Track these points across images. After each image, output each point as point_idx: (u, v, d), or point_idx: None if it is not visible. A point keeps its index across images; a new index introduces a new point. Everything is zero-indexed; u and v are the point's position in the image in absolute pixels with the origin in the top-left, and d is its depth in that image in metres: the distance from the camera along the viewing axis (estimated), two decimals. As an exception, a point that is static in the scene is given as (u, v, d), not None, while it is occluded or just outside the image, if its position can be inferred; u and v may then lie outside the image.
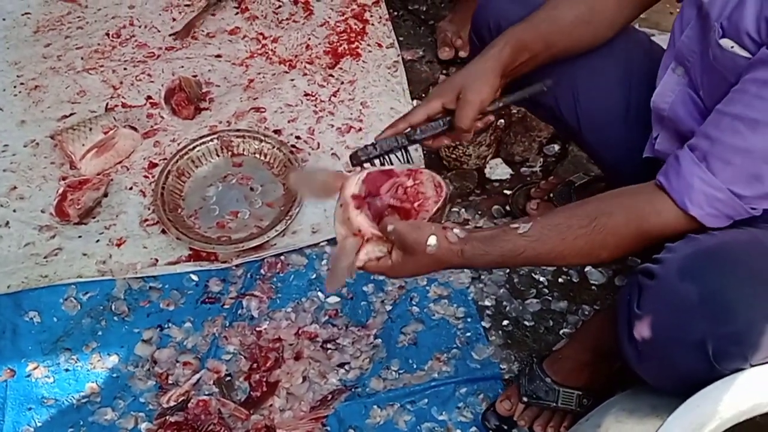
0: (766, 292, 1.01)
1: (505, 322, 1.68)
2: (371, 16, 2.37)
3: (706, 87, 1.16)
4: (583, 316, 1.68)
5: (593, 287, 1.74)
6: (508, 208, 1.90)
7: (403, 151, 1.32)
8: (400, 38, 2.32)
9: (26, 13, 2.36)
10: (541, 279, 1.75)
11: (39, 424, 1.53)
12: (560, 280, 1.75)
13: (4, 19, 2.34)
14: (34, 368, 1.61)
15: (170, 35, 2.29)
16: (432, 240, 1.07)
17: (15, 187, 1.91)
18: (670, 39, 1.25)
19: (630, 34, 1.44)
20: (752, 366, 1.00)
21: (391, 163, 1.30)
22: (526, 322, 1.68)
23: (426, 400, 1.56)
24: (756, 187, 1.04)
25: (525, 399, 1.47)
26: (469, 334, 1.65)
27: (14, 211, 1.86)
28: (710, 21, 1.09)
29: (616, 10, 1.34)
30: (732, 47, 1.06)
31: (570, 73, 1.41)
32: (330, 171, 1.20)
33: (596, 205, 1.13)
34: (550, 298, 1.72)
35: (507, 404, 1.50)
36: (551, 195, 1.83)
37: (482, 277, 1.74)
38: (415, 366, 1.61)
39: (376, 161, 1.30)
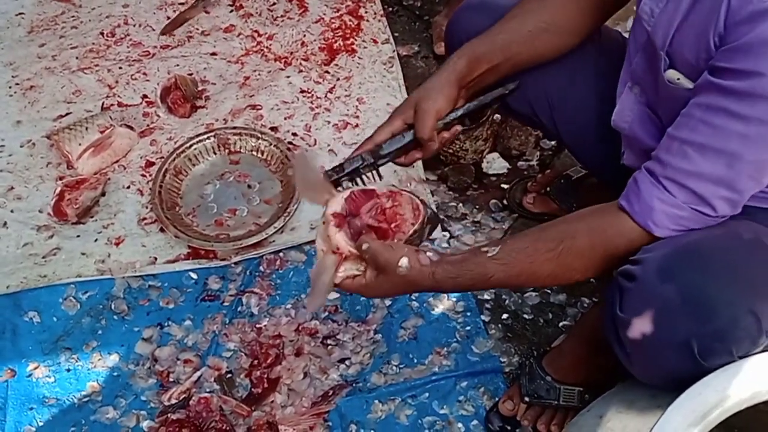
0: (746, 285, 1.01)
1: (505, 316, 1.69)
2: (366, 12, 2.37)
3: (662, 109, 1.17)
4: (582, 308, 1.69)
5: (592, 279, 1.74)
6: (505, 202, 1.90)
7: (373, 170, 1.33)
8: (395, 34, 2.32)
9: (20, 14, 2.35)
10: (540, 272, 1.75)
11: (41, 424, 1.53)
12: (559, 272, 1.75)
13: (-3, 20, 2.34)
14: (35, 368, 1.61)
15: (160, 33, 2.28)
16: (404, 261, 1.10)
17: (12, 188, 1.91)
18: (627, 56, 1.24)
19: (602, 34, 1.42)
20: (739, 359, 1.01)
21: (364, 183, 1.33)
22: (526, 315, 1.69)
23: (427, 394, 1.57)
24: (715, 209, 1.04)
25: (527, 399, 1.48)
26: (468, 327, 1.66)
27: (12, 211, 1.86)
28: (656, 50, 1.10)
29: (578, 17, 1.33)
30: (678, 79, 1.08)
31: (542, 79, 1.41)
32: (323, 182, 1.21)
33: (563, 228, 1.14)
34: (549, 291, 1.72)
35: (509, 404, 1.51)
36: (548, 189, 1.84)
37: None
38: (415, 360, 1.62)
39: (346, 182, 1.32)
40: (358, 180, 1.33)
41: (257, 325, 1.67)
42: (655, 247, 1.06)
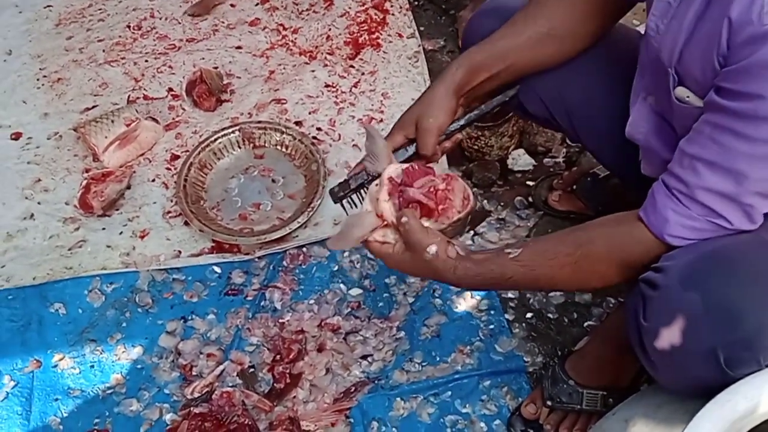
0: None
1: (529, 315, 1.67)
2: (392, 6, 2.35)
3: (676, 120, 1.14)
4: (608, 308, 1.67)
5: (615, 282, 1.72)
6: (530, 199, 1.88)
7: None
8: (421, 28, 2.30)
9: (48, 6, 2.37)
10: (565, 271, 1.73)
11: (65, 415, 1.55)
12: (584, 272, 1.73)
13: (20, 12, 2.36)
14: (60, 359, 1.63)
15: (187, 13, 2.30)
16: (432, 248, 1.12)
17: (39, 180, 1.92)
18: (639, 67, 1.22)
19: (618, 34, 1.39)
20: (767, 367, 0.99)
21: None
22: (550, 315, 1.67)
23: (449, 393, 1.55)
24: (730, 222, 1.02)
25: (549, 403, 1.46)
26: (492, 326, 1.65)
27: (39, 203, 1.88)
28: (664, 66, 1.08)
29: (580, 23, 1.31)
30: (687, 97, 1.06)
31: (559, 84, 1.38)
32: (387, 151, 1.24)
33: (582, 233, 1.14)
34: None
35: (532, 408, 1.49)
36: (574, 186, 1.82)
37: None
38: (438, 358, 1.61)
39: (354, 196, 1.34)
40: (363, 193, 1.32)
41: (280, 320, 1.67)
42: (677, 255, 1.04)
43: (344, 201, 1.34)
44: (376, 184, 1.18)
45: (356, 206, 1.34)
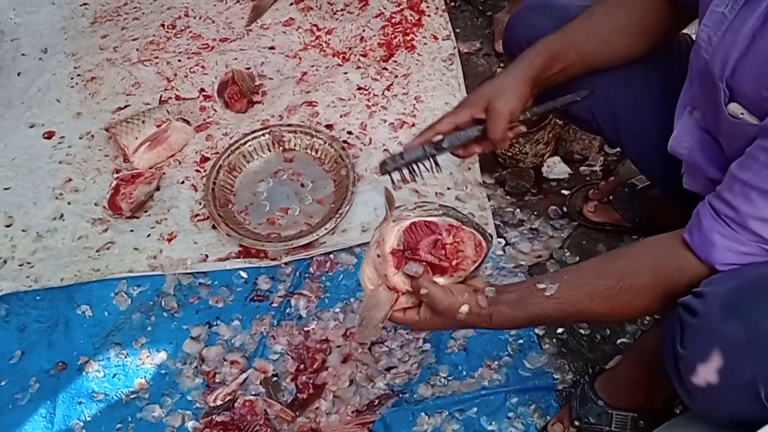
0: None
1: (560, 330, 1.62)
2: (427, 6, 2.31)
3: (724, 139, 1.09)
4: (642, 325, 1.61)
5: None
6: (565, 209, 1.83)
7: (431, 159, 1.32)
8: (457, 30, 2.26)
9: (84, 4, 2.38)
10: (599, 285, 1.68)
11: (88, 419, 1.55)
12: (619, 287, 1.67)
13: (57, 9, 2.36)
14: (86, 362, 1.63)
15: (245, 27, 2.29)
16: (464, 309, 1.08)
17: (70, 180, 1.93)
18: (688, 77, 1.17)
19: (669, 41, 1.34)
20: None
21: (421, 174, 1.32)
22: (582, 331, 1.62)
23: (475, 409, 1.52)
24: None
25: (576, 423, 1.42)
26: (521, 341, 1.60)
27: (69, 203, 1.88)
28: (714, 79, 1.03)
29: (656, 22, 1.27)
30: (741, 114, 1.00)
31: (606, 86, 1.35)
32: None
33: (623, 264, 1.09)
34: (607, 306, 1.65)
35: (559, 427, 1.45)
36: (611, 197, 1.76)
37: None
38: (464, 373, 1.57)
39: (405, 170, 1.32)
40: (416, 168, 1.32)
41: (305, 328, 1.65)
42: (719, 280, 0.99)
43: (393, 173, 1.32)
44: (379, 255, 1.10)
45: (406, 181, 1.33)
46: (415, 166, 1.32)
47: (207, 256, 1.78)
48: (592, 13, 1.29)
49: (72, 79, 2.17)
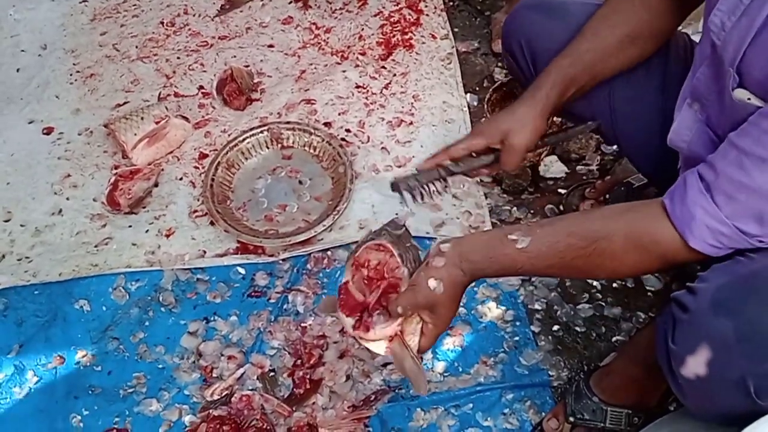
0: None
1: (556, 327, 1.63)
2: (426, 6, 2.32)
3: (725, 129, 1.08)
4: (638, 323, 1.62)
5: (649, 293, 1.67)
6: (561, 207, 1.84)
7: (442, 181, 1.35)
8: (455, 29, 2.27)
9: (84, 1, 2.39)
10: (595, 284, 1.69)
11: (86, 413, 1.55)
12: (614, 285, 1.69)
13: (57, 6, 2.37)
14: (83, 356, 1.63)
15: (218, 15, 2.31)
16: (432, 283, 1.09)
17: (69, 175, 1.93)
18: (692, 69, 1.18)
19: (671, 39, 1.35)
20: None
21: (430, 194, 1.35)
22: (578, 328, 1.63)
23: (471, 405, 1.52)
24: (762, 226, 0.97)
25: (571, 419, 1.42)
26: (517, 338, 1.61)
27: (67, 199, 1.89)
28: (724, 65, 1.03)
29: (657, 23, 1.28)
30: (748, 99, 0.99)
31: (605, 86, 1.35)
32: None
33: (598, 226, 1.08)
34: (603, 304, 1.66)
35: (554, 423, 1.45)
36: (607, 196, 1.77)
37: (533, 279, 1.70)
38: (460, 369, 1.58)
39: (417, 190, 1.34)
40: (426, 188, 1.34)
41: (302, 324, 1.65)
42: (710, 277, 1.00)
43: (405, 193, 1.34)
44: (361, 338, 1.16)
45: (416, 200, 1.35)
46: (425, 187, 1.34)
47: (205, 252, 1.78)
48: (597, 28, 1.29)
49: (71, 75, 2.17)
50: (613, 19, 1.28)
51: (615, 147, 1.92)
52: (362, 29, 2.26)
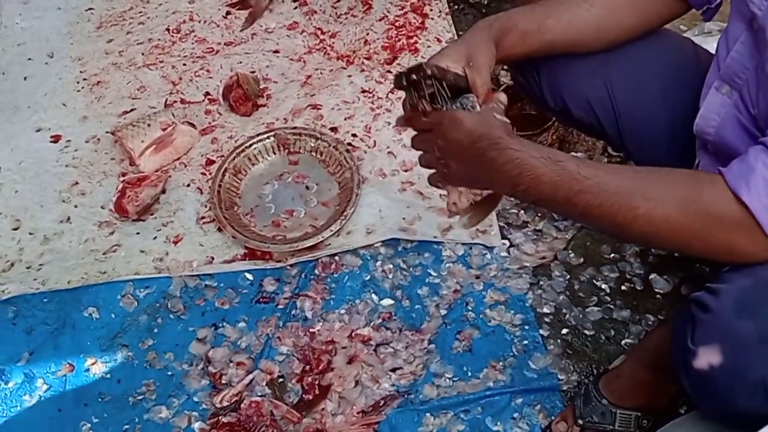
0: None
1: (564, 331, 1.63)
2: (431, 9, 2.32)
3: (762, 105, 1.07)
4: (647, 326, 1.62)
5: (658, 296, 1.67)
6: (569, 210, 1.83)
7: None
8: (460, 33, 2.26)
9: (90, 9, 2.39)
10: (603, 286, 1.69)
11: (95, 420, 1.55)
12: (623, 287, 1.68)
13: (63, 14, 2.38)
14: (92, 363, 1.63)
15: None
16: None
17: (76, 183, 1.94)
18: (715, 59, 1.17)
19: (672, 42, 1.35)
20: None
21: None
22: (587, 331, 1.62)
23: (480, 410, 1.52)
24: None
25: (580, 422, 1.42)
26: (526, 342, 1.61)
27: (75, 206, 1.89)
28: (766, 37, 1.01)
29: (627, 15, 1.27)
30: None
31: (609, 89, 1.35)
32: None
33: (654, 189, 0.99)
34: (612, 307, 1.65)
35: (563, 426, 1.45)
36: (615, 198, 1.76)
37: (541, 283, 1.69)
38: (469, 374, 1.57)
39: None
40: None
41: (310, 330, 1.65)
42: (733, 278, 0.99)
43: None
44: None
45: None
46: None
47: (213, 258, 1.79)
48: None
49: (78, 83, 2.18)
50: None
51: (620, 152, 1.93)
52: (367, 34, 2.26)
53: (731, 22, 1.13)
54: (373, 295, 1.70)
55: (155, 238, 1.82)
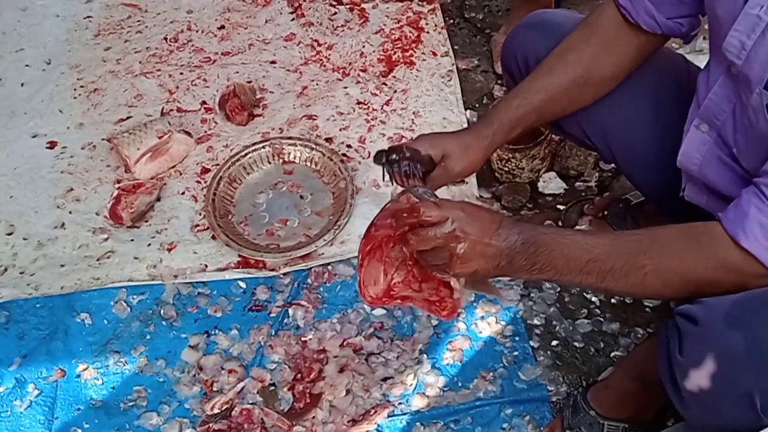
0: None
1: (554, 343, 1.64)
2: (427, 23, 2.34)
3: (741, 146, 1.10)
4: (636, 339, 1.63)
5: (647, 309, 1.68)
6: (560, 224, 1.85)
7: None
8: (455, 47, 2.29)
9: (88, 17, 2.40)
10: (593, 299, 1.70)
11: (87, 426, 1.56)
12: (613, 301, 1.70)
13: (61, 22, 2.39)
14: (84, 369, 1.64)
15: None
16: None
17: (72, 189, 1.95)
18: (696, 94, 1.19)
19: (662, 59, 1.36)
20: None
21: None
22: (576, 343, 1.64)
23: (470, 420, 1.53)
24: None
25: None
26: (516, 353, 1.62)
27: (70, 212, 1.90)
28: (750, 84, 1.03)
29: (614, 66, 1.30)
30: None
31: (597, 107, 1.37)
32: None
33: (654, 248, 1.06)
34: (601, 319, 1.67)
35: None
36: (605, 212, 1.78)
37: (532, 294, 1.71)
38: (459, 384, 1.59)
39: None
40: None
41: (302, 338, 1.66)
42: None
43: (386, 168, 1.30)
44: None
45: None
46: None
47: (206, 266, 1.79)
48: (552, 67, 1.31)
49: (75, 90, 2.19)
50: (569, 58, 1.30)
51: (613, 165, 1.95)
52: (363, 46, 2.28)
53: (712, 59, 1.15)
54: (365, 305, 1.71)
55: (149, 245, 1.83)
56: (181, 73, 2.22)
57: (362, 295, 1.15)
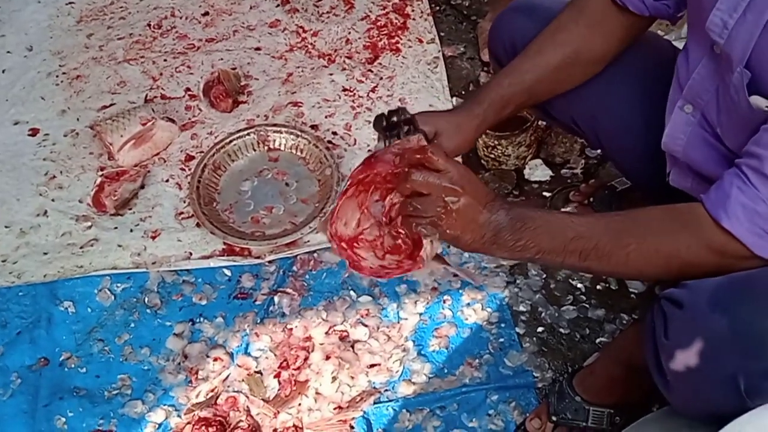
0: None
1: (540, 329, 1.64)
2: (413, 10, 2.33)
3: (725, 126, 1.09)
4: (621, 325, 1.64)
5: (632, 295, 1.69)
6: (546, 211, 1.85)
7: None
8: (441, 34, 2.28)
9: (70, 3, 2.38)
10: (579, 285, 1.71)
11: (70, 414, 1.54)
12: (598, 287, 1.70)
13: (43, 8, 2.36)
14: (68, 358, 1.63)
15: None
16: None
17: (54, 177, 1.93)
18: (675, 75, 1.19)
19: (649, 43, 1.37)
20: None
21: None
22: (562, 330, 1.64)
23: (456, 406, 1.53)
24: None
25: (554, 418, 1.44)
26: (502, 339, 1.62)
27: (53, 200, 1.88)
28: (731, 64, 1.03)
29: (603, 46, 1.30)
30: (767, 107, 0.99)
31: (585, 91, 1.36)
32: None
33: (636, 229, 1.06)
34: (587, 306, 1.67)
35: (537, 423, 1.46)
36: (591, 199, 1.79)
37: (518, 281, 1.71)
38: (445, 371, 1.59)
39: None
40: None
41: (288, 326, 1.66)
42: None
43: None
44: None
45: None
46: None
47: (191, 253, 1.78)
48: (541, 47, 1.30)
49: (57, 77, 2.17)
50: (558, 38, 1.29)
51: (599, 151, 1.95)
52: (349, 33, 2.27)
53: (690, 41, 1.15)
54: (351, 292, 1.71)
55: (133, 232, 1.82)
56: (165, 60, 2.20)
57: (330, 224, 1.11)
